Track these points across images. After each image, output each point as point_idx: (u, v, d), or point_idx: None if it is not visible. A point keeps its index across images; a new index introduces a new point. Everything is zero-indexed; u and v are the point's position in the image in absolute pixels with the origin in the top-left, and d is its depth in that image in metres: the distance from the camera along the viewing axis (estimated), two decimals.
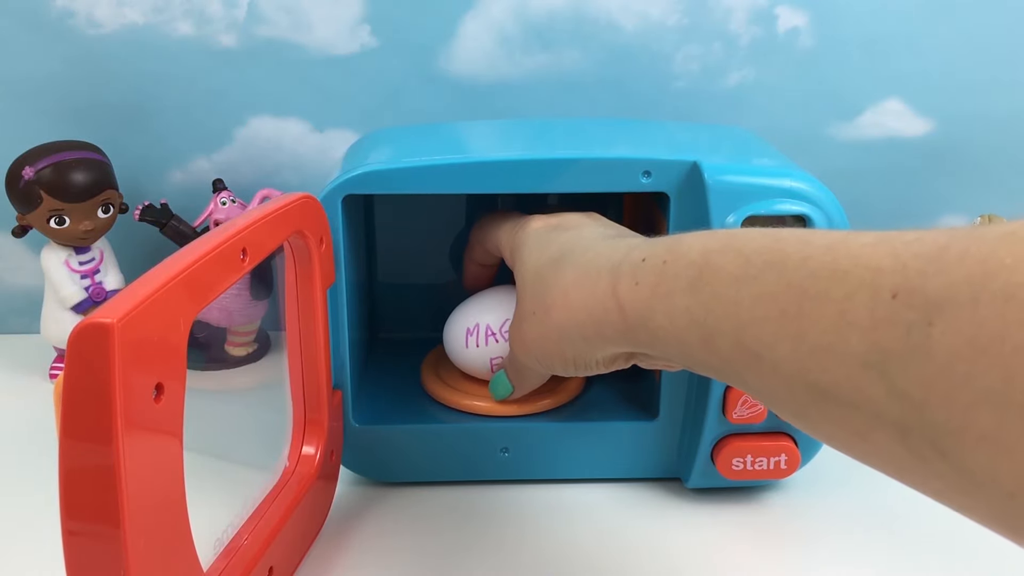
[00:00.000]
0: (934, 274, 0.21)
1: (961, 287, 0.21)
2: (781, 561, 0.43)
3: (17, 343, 0.66)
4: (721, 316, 0.27)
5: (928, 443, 0.21)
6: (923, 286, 0.21)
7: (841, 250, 0.25)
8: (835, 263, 0.24)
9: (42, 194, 0.55)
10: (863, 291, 0.23)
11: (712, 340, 0.28)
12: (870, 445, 0.24)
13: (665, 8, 0.61)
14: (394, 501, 0.47)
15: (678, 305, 0.29)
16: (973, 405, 0.20)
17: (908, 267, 0.22)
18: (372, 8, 0.61)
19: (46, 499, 0.47)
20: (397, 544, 0.44)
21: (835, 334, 0.23)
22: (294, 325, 0.41)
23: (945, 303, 0.21)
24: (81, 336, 0.24)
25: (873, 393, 0.22)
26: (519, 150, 0.44)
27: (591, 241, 0.37)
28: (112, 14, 0.61)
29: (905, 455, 0.22)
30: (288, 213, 0.36)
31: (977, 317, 0.20)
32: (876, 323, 0.22)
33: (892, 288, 0.22)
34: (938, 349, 0.21)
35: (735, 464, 0.45)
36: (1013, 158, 0.64)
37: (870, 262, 0.23)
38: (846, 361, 0.23)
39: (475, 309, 0.49)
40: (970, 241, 0.21)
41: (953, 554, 0.43)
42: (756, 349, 0.26)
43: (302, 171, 0.65)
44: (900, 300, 0.22)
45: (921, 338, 0.21)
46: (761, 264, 0.27)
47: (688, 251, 0.30)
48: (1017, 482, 0.19)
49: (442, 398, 0.50)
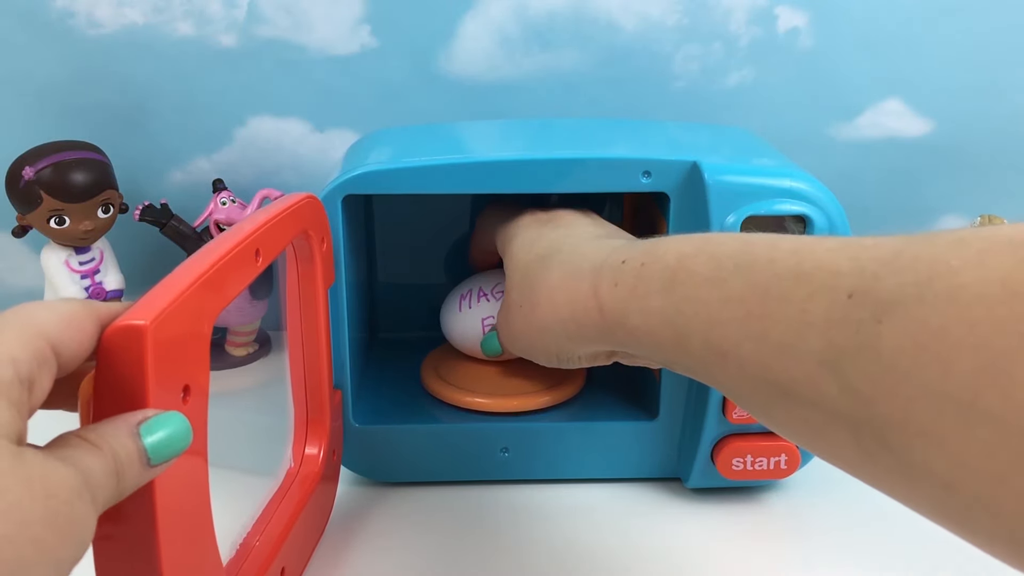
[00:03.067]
0: (886, 276, 0.22)
1: (909, 288, 0.21)
2: (781, 561, 0.43)
3: None
4: (691, 316, 0.29)
5: (876, 438, 0.22)
6: (875, 287, 0.22)
7: (805, 254, 0.26)
8: (799, 266, 0.25)
9: (42, 194, 0.55)
10: (822, 292, 0.24)
11: (684, 340, 0.29)
12: (827, 442, 0.24)
13: (665, 8, 0.61)
14: (394, 501, 0.47)
15: (653, 306, 0.30)
16: (914, 399, 0.21)
17: (865, 270, 0.23)
18: (372, 8, 0.61)
19: None
20: (397, 544, 0.44)
21: (795, 333, 0.24)
22: (296, 325, 0.41)
23: (894, 303, 0.22)
24: (114, 338, 0.24)
25: (828, 390, 0.23)
26: (519, 150, 0.44)
27: (578, 241, 0.38)
28: (112, 14, 0.61)
29: (856, 450, 0.23)
30: (295, 213, 0.36)
31: (921, 315, 0.21)
32: (831, 322, 0.23)
33: (848, 289, 0.23)
34: (885, 346, 0.21)
35: (735, 464, 0.45)
36: (1013, 158, 0.64)
37: (831, 265, 0.24)
38: (804, 359, 0.24)
39: (469, 281, 0.51)
40: (923, 246, 0.22)
41: (953, 554, 0.43)
42: (723, 348, 0.27)
43: (302, 171, 0.65)
44: (854, 300, 0.23)
45: (870, 336, 0.22)
46: (731, 267, 0.28)
47: (664, 254, 0.31)
48: (952, 473, 0.20)
49: (443, 396, 0.50)
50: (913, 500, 0.23)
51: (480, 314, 0.49)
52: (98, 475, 0.22)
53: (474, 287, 0.50)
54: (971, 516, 0.21)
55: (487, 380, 0.50)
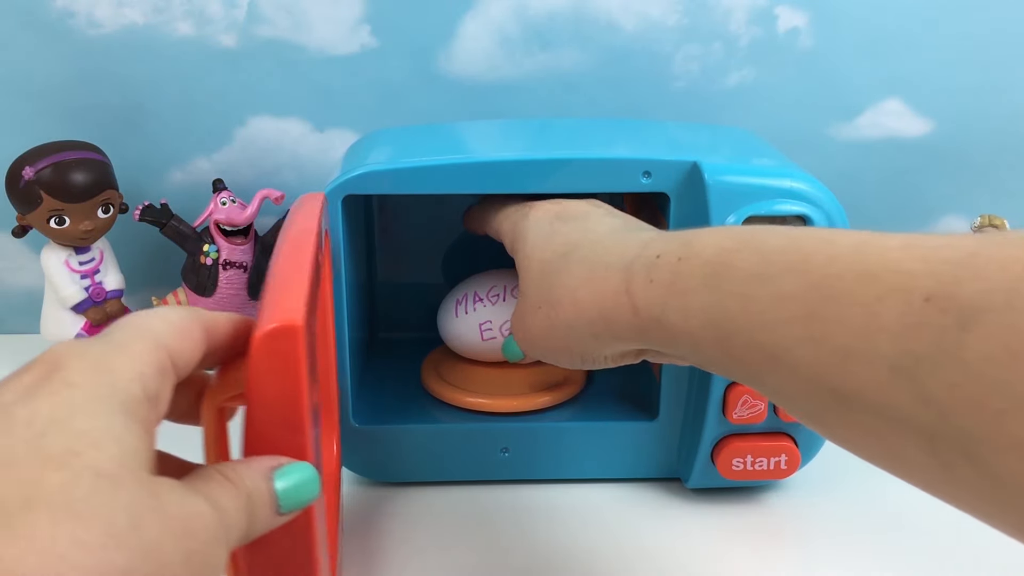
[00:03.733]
0: (968, 280, 0.21)
1: (996, 293, 0.20)
2: (781, 561, 0.43)
3: (17, 343, 0.66)
4: (737, 315, 0.27)
5: (956, 450, 0.21)
6: (957, 291, 0.21)
7: (869, 252, 0.24)
8: (863, 265, 0.24)
9: (42, 194, 0.55)
10: (895, 295, 0.22)
11: (727, 340, 0.27)
12: (891, 452, 0.23)
13: (665, 8, 0.61)
14: (395, 501, 0.47)
15: (692, 303, 0.29)
16: (1005, 411, 0.20)
17: (939, 272, 0.22)
18: (372, 8, 0.61)
19: None
20: (397, 544, 0.44)
21: (862, 337, 0.23)
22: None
23: (980, 309, 0.21)
24: (273, 337, 0.24)
25: (899, 398, 0.22)
26: (519, 150, 0.44)
27: (600, 235, 0.36)
28: (112, 14, 0.61)
29: (931, 462, 0.22)
30: (322, 213, 0.37)
31: (1012, 322, 0.20)
32: (907, 327, 0.22)
33: (925, 292, 0.22)
34: (971, 354, 0.20)
35: (735, 464, 0.45)
36: (1013, 158, 0.64)
37: (900, 266, 0.23)
38: (873, 365, 0.23)
39: (464, 284, 0.51)
40: (999, 247, 0.21)
41: (953, 554, 0.43)
42: (773, 350, 0.26)
43: (302, 171, 0.65)
44: (933, 304, 0.22)
45: (954, 343, 0.21)
46: (781, 264, 0.26)
47: (703, 249, 0.29)
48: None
49: (443, 396, 0.50)
50: (997, 515, 0.22)
51: (477, 319, 0.50)
52: (232, 515, 0.22)
53: (469, 291, 0.50)
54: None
55: (487, 380, 0.51)
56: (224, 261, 0.60)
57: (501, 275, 0.51)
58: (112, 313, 0.60)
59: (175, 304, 0.63)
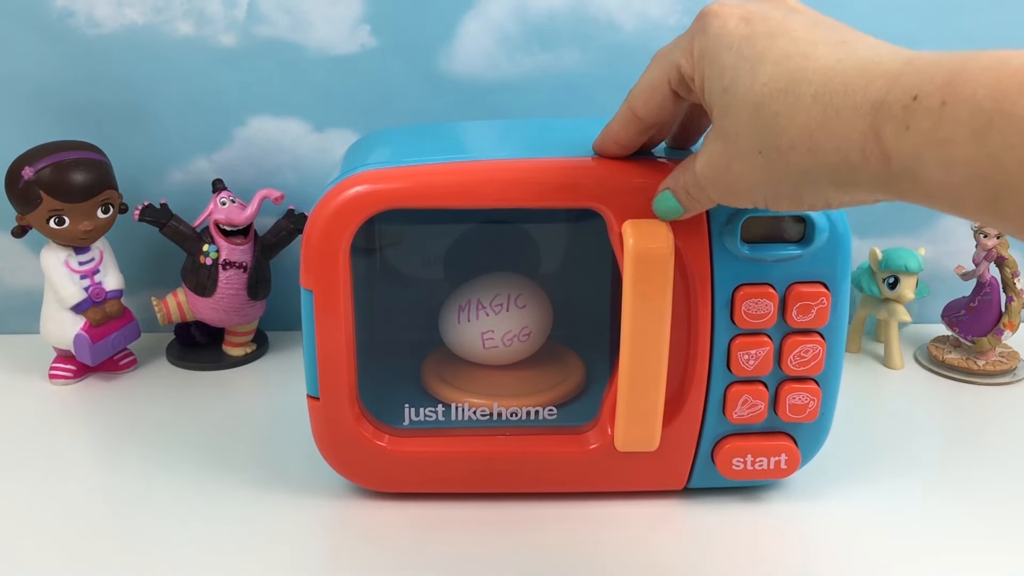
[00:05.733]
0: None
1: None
2: (781, 561, 0.43)
3: (17, 343, 0.66)
4: (1014, 171, 0.24)
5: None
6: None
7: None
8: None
9: (42, 194, 0.55)
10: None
11: (999, 198, 0.25)
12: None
13: (665, 8, 0.61)
14: (394, 505, 0.47)
15: (958, 156, 0.25)
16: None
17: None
18: (372, 8, 0.61)
19: (46, 498, 0.47)
20: (397, 549, 0.44)
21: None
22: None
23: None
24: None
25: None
26: (518, 151, 0.44)
27: (825, 60, 0.30)
28: (112, 14, 0.61)
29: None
30: None
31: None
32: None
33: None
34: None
35: (735, 464, 0.45)
36: None
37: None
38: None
39: (467, 289, 0.51)
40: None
41: (953, 554, 0.43)
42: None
43: (302, 171, 0.65)
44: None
45: None
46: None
47: (974, 92, 0.25)
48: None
49: (443, 396, 0.50)
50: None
51: (479, 327, 0.50)
52: None
53: (472, 298, 0.50)
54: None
55: (487, 381, 0.50)
56: (224, 261, 0.60)
57: (504, 281, 0.51)
58: (111, 313, 0.60)
59: (175, 304, 0.62)
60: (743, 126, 0.31)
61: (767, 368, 0.43)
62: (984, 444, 0.53)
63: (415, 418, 0.49)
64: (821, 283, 0.42)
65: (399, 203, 0.41)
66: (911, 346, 0.66)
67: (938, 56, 0.27)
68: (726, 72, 0.32)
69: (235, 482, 0.48)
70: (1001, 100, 0.24)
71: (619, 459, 0.44)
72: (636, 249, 0.38)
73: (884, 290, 0.62)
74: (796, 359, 0.43)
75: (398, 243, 0.59)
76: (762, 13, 0.32)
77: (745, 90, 0.31)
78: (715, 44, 0.32)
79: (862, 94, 0.28)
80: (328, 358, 0.44)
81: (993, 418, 0.56)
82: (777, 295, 0.41)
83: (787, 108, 0.30)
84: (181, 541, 0.43)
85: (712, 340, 0.42)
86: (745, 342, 0.42)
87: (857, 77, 0.28)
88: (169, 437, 0.53)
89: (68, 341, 0.59)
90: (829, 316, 0.42)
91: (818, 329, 0.42)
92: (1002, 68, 0.25)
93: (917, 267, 0.60)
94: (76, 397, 0.59)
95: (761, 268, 0.41)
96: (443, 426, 0.48)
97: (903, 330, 0.66)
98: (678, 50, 0.35)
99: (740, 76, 0.31)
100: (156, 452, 0.51)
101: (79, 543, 0.43)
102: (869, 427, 0.54)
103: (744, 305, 0.41)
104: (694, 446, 0.45)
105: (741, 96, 0.31)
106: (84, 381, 0.61)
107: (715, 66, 0.32)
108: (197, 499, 0.47)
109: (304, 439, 0.46)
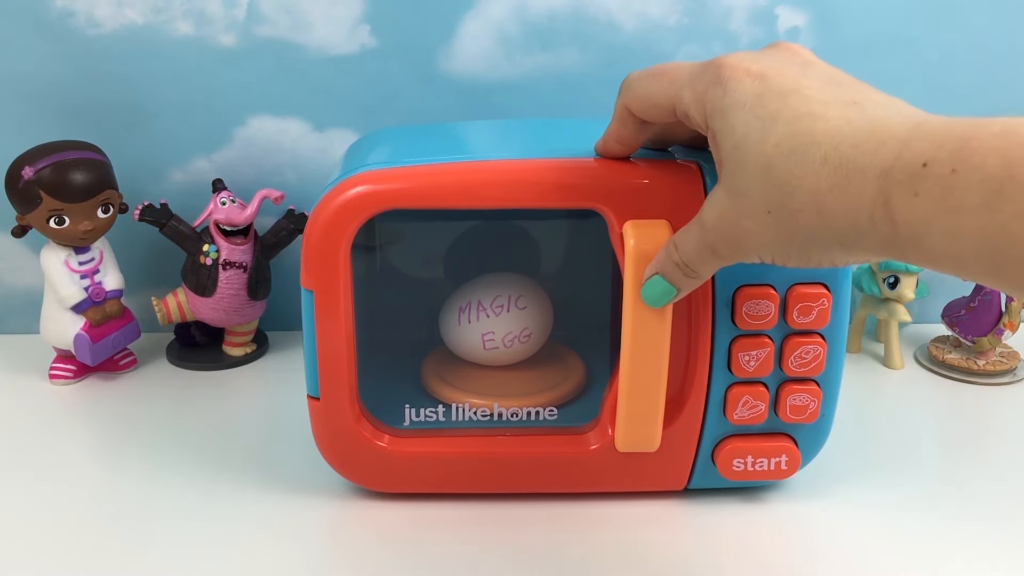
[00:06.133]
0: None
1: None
2: (781, 561, 0.43)
3: (17, 343, 0.66)
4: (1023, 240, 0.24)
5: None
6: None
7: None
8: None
9: (42, 194, 0.55)
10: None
11: (1007, 266, 0.25)
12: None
13: (665, 8, 0.61)
14: (395, 505, 0.47)
15: (968, 225, 0.25)
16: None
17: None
18: (372, 8, 0.61)
19: (46, 498, 0.47)
20: (397, 549, 0.44)
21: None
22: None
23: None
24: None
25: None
26: (518, 151, 0.44)
27: (836, 119, 0.30)
28: (112, 14, 0.61)
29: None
30: None
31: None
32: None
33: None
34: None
35: (735, 464, 0.45)
36: None
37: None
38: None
39: (467, 290, 0.51)
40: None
41: (953, 554, 0.43)
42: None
43: (302, 171, 0.65)
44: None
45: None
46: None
47: (984, 160, 0.25)
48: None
49: (443, 396, 0.50)
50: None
51: (480, 329, 0.50)
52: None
53: (473, 300, 0.50)
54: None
55: (488, 381, 0.50)
56: (224, 261, 0.60)
57: (505, 282, 0.51)
58: (111, 313, 0.60)
59: (175, 304, 0.62)
60: (754, 185, 0.31)
61: (768, 369, 0.43)
62: (984, 444, 0.53)
63: (415, 418, 0.49)
64: (822, 284, 0.42)
65: (399, 203, 0.41)
66: (911, 346, 0.66)
67: (947, 121, 0.27)
68: (737, 130, 0.32)
69: (235, 482, 0.48)
70: (1012, 167, 0.24)
71: (619, 460, 0.45)
72: (637, 250, 0.38)
73: (884, 290, 0.62)
74: (797, 360, 0.43)
75: (398, 243, 0.59)
76: (777, 68, 0.32)
77: (757, 150, 0.31)
78: (727, 101, 0.32)
79: (871, 158, 0.28)
80: (328, 358, 0.44)
81: (993, 418, 0.56)
82: (778, 296, 0.41)
83: (797, 169, 0.30)
84: (181, 541, 0.43)
85: (713, 341, 0.42)
86: (746, 343, 0.42)
87: (867, 140, 0.28)
88: (169, 437, 0.53)
89: (68, 341, 0.59)
90: (830, 317, 0.42)
91: (819, 330, 0.43)
92: (1011, 133, 0.25)
93: (917, 267, 0.60)
94: (76, 397, 0.59)
95: (761, 269, 0.41)
96: (443, 426, 0.48)
97: (903, 330, 0.66)
98: (689, 91, 0.34)
99: (751, 135, 0.31)
100: (156, 452, 0.51)
101: (79, 543, 0.43)
102: (869, 427, 0.54)
103: (745, 306, 0.41)
104: (695, 447, 0.45)
105: (753, 156, 0.31)
106: (84, 381, 0.61)
107: (726, 123, 0.32)
108: (197, 499, 0.47)
109: (304, 439, 0.46)
